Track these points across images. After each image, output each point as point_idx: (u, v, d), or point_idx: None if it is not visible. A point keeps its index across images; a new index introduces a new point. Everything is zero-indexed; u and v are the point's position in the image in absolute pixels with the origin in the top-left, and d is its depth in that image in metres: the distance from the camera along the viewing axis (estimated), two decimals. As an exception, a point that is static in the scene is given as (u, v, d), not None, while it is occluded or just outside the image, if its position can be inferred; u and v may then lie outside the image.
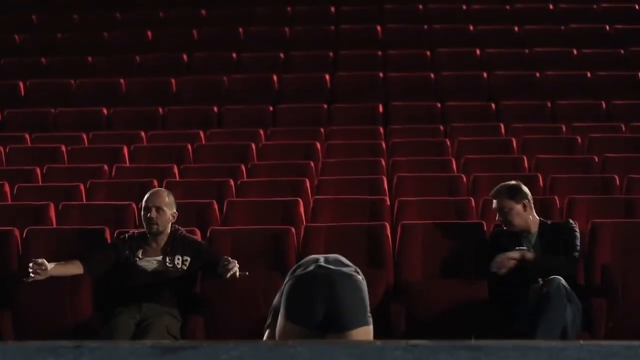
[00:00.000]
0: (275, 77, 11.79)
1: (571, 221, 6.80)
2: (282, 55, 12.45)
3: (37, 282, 6.25)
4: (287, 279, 4.79)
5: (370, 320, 4.70)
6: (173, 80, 11.75)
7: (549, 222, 6.82)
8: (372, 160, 9.14)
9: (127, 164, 9.38)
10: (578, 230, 6.69)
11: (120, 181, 8.69)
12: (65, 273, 6.46)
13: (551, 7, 13.53)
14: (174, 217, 6.66)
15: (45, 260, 6.28)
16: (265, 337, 4.84)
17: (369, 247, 6.98)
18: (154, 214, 6.56)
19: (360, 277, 4.75)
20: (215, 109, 11.04)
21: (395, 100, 11.17)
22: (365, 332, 4.67)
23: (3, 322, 6.59)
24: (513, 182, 6.86)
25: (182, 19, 13.59)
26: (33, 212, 7.71)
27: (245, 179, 8.69)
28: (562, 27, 12.91)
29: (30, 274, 6.24)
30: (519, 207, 6.71)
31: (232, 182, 8.42)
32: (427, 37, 12.86)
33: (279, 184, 8.39)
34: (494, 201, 6.78)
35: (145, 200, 6.62)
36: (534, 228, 6.73)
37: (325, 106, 11.10)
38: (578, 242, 6.63)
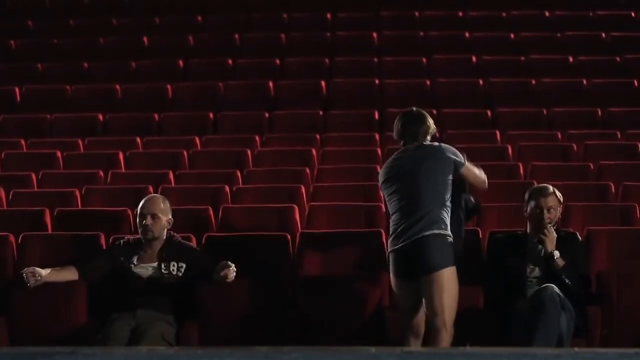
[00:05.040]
0: (271, 84, 11.79)
1: (578, 235, 6.78)
2: (278, 61, 12.44)
3: (32, 288, 6.25)
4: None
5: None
6: (169, 86, 11.74)
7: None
8: (367, 167, 9.13)
9: (123, 170, 9.37)
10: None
11: (116, 187, 8.68)
12: (60, 279, 6.45)
13: (547, 14, 13.54)
14: (169, 223, 6.64)
15: (36, 268, 6.28)
16: None
17: (364, 253, 6.97)
18: (149, 221, 6.54)
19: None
20: (211, 115, 11.03)
21: (391, 107, 11.14)
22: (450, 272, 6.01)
23: (-2, 328, 6.59)
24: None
25: (178, 25, 13.57)
26: (28, 218, 7.71)
27: (240, 185, 8.68)
28: (558, 35, 12.92)
29: (27, 283, 6.25)
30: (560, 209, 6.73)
31: (227, 189, 8.41)
32: (423, 44, 12.86)
33: (274, 191, 8.39)
34: (543, 199, 6.63)
35: (141, 207, 6.61)
36: None
37: (321, 113, 11.10)
38: (588, 264, 6.67)
